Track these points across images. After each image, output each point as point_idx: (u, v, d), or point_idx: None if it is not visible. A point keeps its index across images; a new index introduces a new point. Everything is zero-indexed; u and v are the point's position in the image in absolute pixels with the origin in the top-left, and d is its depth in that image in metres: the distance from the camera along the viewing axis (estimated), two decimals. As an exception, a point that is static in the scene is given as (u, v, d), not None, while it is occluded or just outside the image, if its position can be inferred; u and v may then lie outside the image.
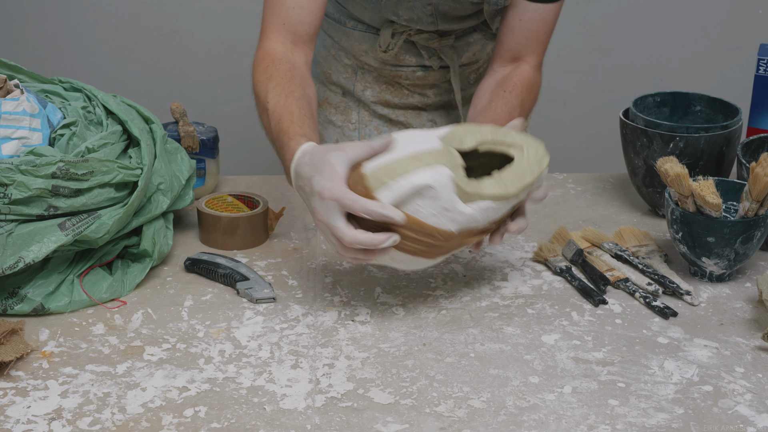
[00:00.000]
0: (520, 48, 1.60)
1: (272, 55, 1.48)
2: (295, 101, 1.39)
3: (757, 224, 1.38)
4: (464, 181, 1.24)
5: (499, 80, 1.58)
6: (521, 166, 1.31)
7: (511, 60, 1.61)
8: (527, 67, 1.60)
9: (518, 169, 1.31)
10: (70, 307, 1.33)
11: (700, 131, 1.53)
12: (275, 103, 1.39)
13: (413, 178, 1.20)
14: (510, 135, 1.35)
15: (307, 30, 1.52)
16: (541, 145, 1.35)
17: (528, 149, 1.33)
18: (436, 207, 1.22)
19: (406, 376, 1.21)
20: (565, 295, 1.39)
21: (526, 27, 1.58)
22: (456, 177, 1.23)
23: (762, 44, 1.66)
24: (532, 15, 1.57)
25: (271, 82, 1.43)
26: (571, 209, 1.65)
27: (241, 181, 1.73)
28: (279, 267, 1.46)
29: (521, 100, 1.55)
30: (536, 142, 1.35)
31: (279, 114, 1.38)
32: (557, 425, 1.12)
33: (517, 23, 1.58)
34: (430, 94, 1.81)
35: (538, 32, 1.59)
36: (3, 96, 1.40)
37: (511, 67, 1.60)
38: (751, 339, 1.29)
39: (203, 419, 1.13)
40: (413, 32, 1.71)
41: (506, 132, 1.35)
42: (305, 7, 1.50)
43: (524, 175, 1.30)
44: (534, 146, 1.34)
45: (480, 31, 1.76)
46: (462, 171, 1.25)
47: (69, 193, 1.31)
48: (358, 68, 1.80)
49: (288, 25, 1.50)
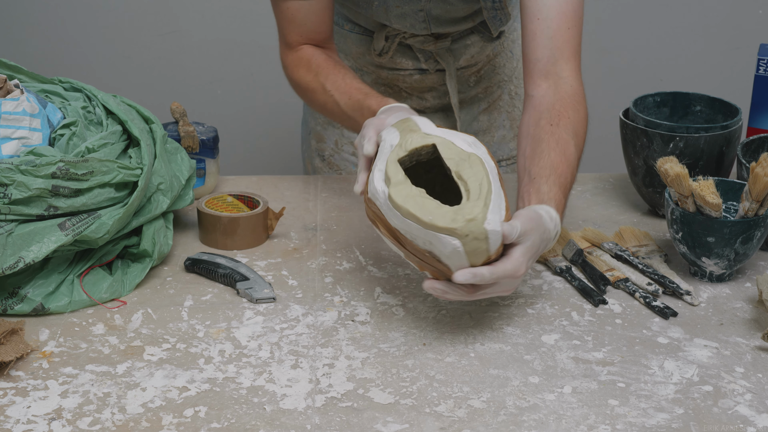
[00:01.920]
0: (549, 55, 1.45)
1: (305, 57, 1.58)
2: (354, 79, 1.51)
3: (757, 224, 1.38)
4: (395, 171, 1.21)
5: (541, 110, 1.42)
6: (439, 208, 1.19)
7: (545, 75, 1.45)
8: (564, 83, 1.45)
9: (433, 206, 1.19)
10: (70, 307, 1.33)
11: (700, 131, 1.53)
12: (336, 86, 1.51)
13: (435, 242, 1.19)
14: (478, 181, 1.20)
15: (324, 36, 1.60)
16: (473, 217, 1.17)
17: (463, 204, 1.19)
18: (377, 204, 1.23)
19: (406, 376, 1.21)
20: (565, 295, 1.39)
21: (546, 25, 1.45)
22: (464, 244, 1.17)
23: (762, 44, 1.66)
24: (548, 10, 1.44)
25: (320, 74, 1.54)
26: (571, 209, 1.65)
27: (241, 181, 1.74)
28: (279, 267, 1.46)
29: (573, 130, 1.40)
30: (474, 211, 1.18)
31: (347, 92, 1.49)
32: (557, 425, 1.12)
33: (536, 24, 1.45)
34: (428, 97, 1.81)
35: (561, 29, 1.45)
36: (3, 96, 1.40)
37: (546, 86, 1.45)
38: (751, 339, 1.29)
39: (203, 419, 1.13)
40: (407, 35, 1.71)
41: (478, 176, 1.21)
42: (315, 21, 1.57)
43: (423, 209, 1.18)
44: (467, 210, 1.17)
45: (478, 33, 1.76)
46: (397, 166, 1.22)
47: (69, 193, 1.31)
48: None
49: (305, 37, 1.58)
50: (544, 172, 1.33)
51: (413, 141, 1.25)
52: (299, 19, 1.56)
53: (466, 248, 1.17)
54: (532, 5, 1.46)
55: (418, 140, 1.25)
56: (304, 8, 1.55)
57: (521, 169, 1.38)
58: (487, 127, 1.86)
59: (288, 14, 1.56)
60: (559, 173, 1.34)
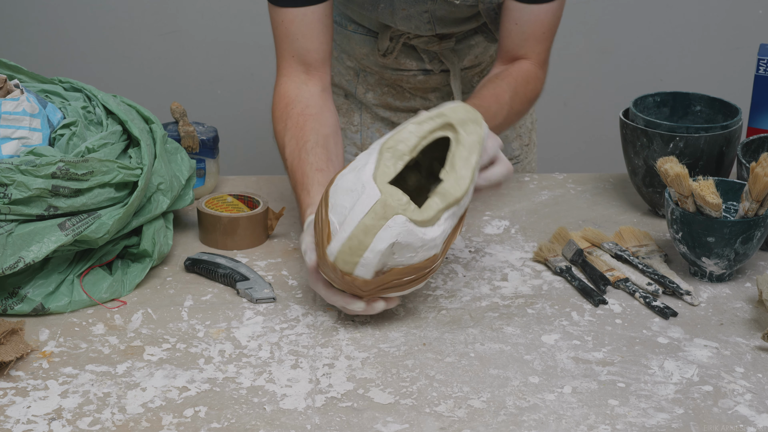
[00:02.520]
0: (519, 49, 1.58)
1: (287, 97, 1.53)
2: (307, 154, 1.45)
3: (757, 224, 1.38)
4: (420, 214, 1.22)
5: (495, 73, 1.59)
6: (460, 149, 1.27)
7: (510, 60, 1.60)
8: (525, 62, 1.58)
9: (459, 154, 1.27)
10: (70, 307, 1.33)
11: (700, 131, 1.53)
12: (291, 160, 1.47)
13: (376, 246, 1.21)
14: (435, 116, 1.28)
15: (317, 56, 1.55)
16: (471, 112, 1.29)
17: (461, 127, 1.28)
18: (411, 250, 1.23)
19: (406, 376, 1.21)
20: (565, 295, 1.39)
21: (522, 30, 1.56)
22: (410, 216, 1.21)
23: (762, 44, 1.66)
24: (527, 17, 1.55)
25: (287, 133, 1.50)
26: (571, 209, 1.65)
27: (241, 181, 1.74)
28: (279, 267, 1.46)
29: (513, 87, 1.53)
30: (464, 109, 1.29)
31: (293, 171, 1.46)
32: (557, 425, 1.12)
33: (513, 26, 1.57)
34: (432, 97, 1.81)
35: (536, 33, 1.57)
36: (3, 96, 1.40)
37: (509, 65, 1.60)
38: (751, 339, 1.29)
39: (203, 419, 1.13)
40: (412, 36, 1.71)
41: (430, 115, 1.28)
42: (309, 35, 1.53)
43: (469, 156, 1.27)
44: (463, 116, 1.28)
45: (482, 33, 1.75)
46: (411, 205, 1.22)
47: (69, 193, 1.31)
48: (360, 71, 1.80)
49: (297, 57, 1.54)
50: (470, 101, 1.47)
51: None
52: (293, 33, 1.53)
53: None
54: (514, 11, 1.56)
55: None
56: (297, 18, 1.52)
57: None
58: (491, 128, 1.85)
59: (283, 27, 1.53)
60: (486, 106, 1.46)
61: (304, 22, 1.52)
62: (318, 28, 1.53)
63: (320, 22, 1.53)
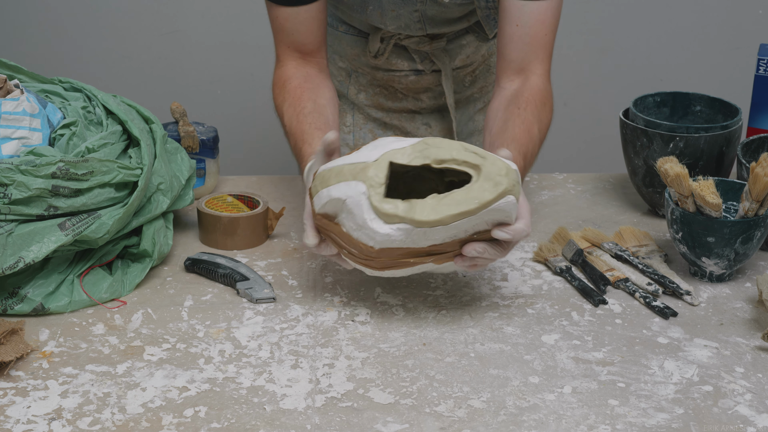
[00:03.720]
0: (524, 57, 1.52)
1: (285, 75, 1.58)
2: (305, 117, 1.49)
3: (757, 224, 1.38)
4: (379, 201, 1.22)
5: (510, 97, 1.51)
6: (466, 192, 1.21)
7: (517, 72, 1.53)
8: (536, 78, 1.52)
9: (461, 195, 1.21)
10: (70, 307, 1.33)
11: (700, 131, 1.53)
12: (290, 125, 1.50)
13: (331, 191, 1.24)
14: (479, 155, 1.23)
15: (312, 47, 1.59)
16: (507, 171, 1.22)
17: (484, 174, 1.22)
18: (354, 221, 1.24)
19: (406, 376, 1.21)
20: (565, 295, 1.39)
21: (524, 32, 1.51)
22: (371, 195, 1.22)
23: (762, 44, 1.66)
24: (528, 17, 1.50)
25: (285, 103, 1.54)
26: (571, 209, 1.65)
27: (241, 181, 1.74)
28: (279, 267, 1.46)
29: (537, 116, 1.48)
30: (501, 166, 1.22)
31: (294, 135, 1.48)
32: (557, 425, 1.12)
33: (514, 29, 1.51)
34: (424, 98, 1.81)
35: (538, 36, 1.52)
36: (3, 96, 1.40)
37: (518, 81, 1.52)
38: (751, 339, 1.29)
39: (203, 419, 1.13)
40: (403, 37, 1.71)
41: (476, 150, 1.24)
42: (303, 31, 1.57)
43: (461, 203, 1.20)
44: (495, 171, 1.22)
45: (473, 33, 1.75)
46: (381, 189, 1.22)
47: (69, 193, 1.31)
48: (351, 71, 1.80)
49: (293, 47, 1.58)
50: (506, 143, 1.41)
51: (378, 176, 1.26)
52: (288, 29, 1.56)
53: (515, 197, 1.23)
54: (513, 11, 1.51)
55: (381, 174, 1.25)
56: (292, 17, 1.54)
57: (487, 145, 1.46)
58: (483, 126, 1.85)
59: (277, 23, 1.57)
60: (521, 143, 1.41)
61: (297, 20, 1.55)
62: (312, 25, 1.56)
63: (314, 19, 1.56)
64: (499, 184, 1.21)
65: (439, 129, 1.83)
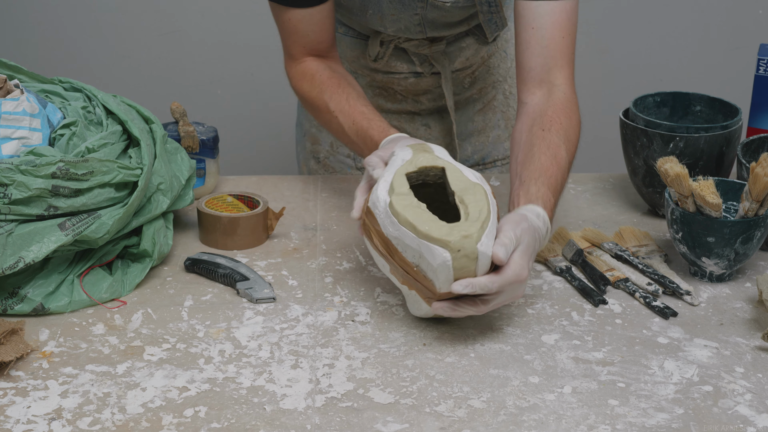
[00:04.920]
0: (543, 63, 1.47)
1: (309, 71, 1.59)
2: (356, 101, 1.52)
3: (757, 224, 1.38)
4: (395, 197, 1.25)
5: (534, 117, 1.45)
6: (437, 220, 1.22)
7: (539, 83, 1.47)
8: (558, 90, 1.47)
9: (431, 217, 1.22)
10: (70, 307, 1.33)
11: (700, 131, 1.53)
12: (340, 108, 1.52)
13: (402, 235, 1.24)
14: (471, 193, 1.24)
15: (326, 45, 1.61)
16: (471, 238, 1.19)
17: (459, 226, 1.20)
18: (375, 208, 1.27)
19: (406, 376, 1.21)
20: (565, 295, 1.39)
21: (540, 35, 1.46)
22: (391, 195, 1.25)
23: (762, 44, 1.66)
24: (543, 20, 1.45)
25: (324, 93, 1.55)
26: (571, 209, 1.65)
27: (241, 181, 1.74)
28: (279, 267, 1.46)
29: (564, 135, 1.42)
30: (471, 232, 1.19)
31: (351, 116, 1.51)
32: (557, 425, 1.12)
33: (530, 33, 1.46)
34: (423, 99, 1.81)
35: (555, 39, 1.46)
36: (3, 96, 1.40)
37: (540, 94, 1.47)
38: (751, 339, 1.29)
39: (203, 419, 1.13)
40: (402, 39, 1.71)
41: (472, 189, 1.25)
42: (318, 31, 1.57)
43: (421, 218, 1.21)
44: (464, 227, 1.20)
45: (472, 35, 1.75)
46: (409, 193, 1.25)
47: (69, 193, 1.31)
48: (351, 73, 1.80)
49: (308, 48, 1.59)
50: (533, 175, 1.35)
51: (424, 159, 1.31)
52: (302, 30, 1.56)
53: (455, 264, 1.18)
54: (527, 14, 1.46)
55: (428, 160, 1.31)
56: (305, 19, 1.55)
57: (513, 174, 1.40)
58: (482, 127, 1.86)
59: (290, 26, 1.56)
60: (549, 175, 1.36)
61: (312, 21, 1.56)
62: (326, 23, 1.57)
63: (328, 18, 1.57)
64: (450, 235, 1.19)
65: (439, 130, 1.83)
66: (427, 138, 1.83)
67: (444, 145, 1.84)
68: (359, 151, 1.52)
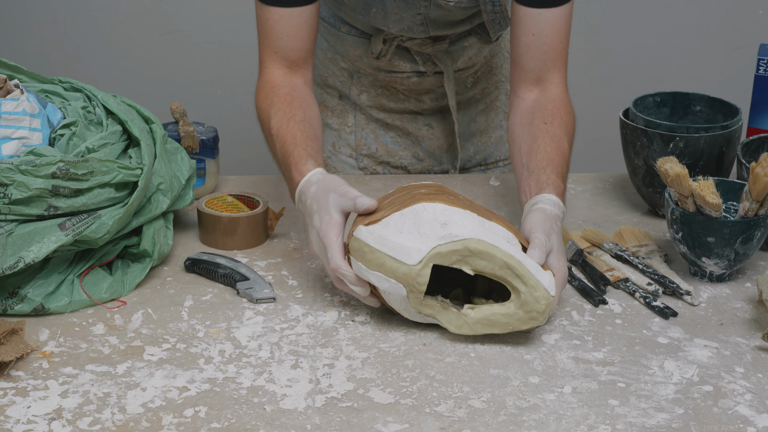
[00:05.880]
0: (541, 66, 1.51)
1: (272, 81, 1.54)
2: (297, 124, 1.45)
3: (757, 224, 1.38)
4: (418, 304, 1.25)
5: (531, 110, 1.50)
6: (502, 314, 1.25)
7: (535, 82, 1.52)
8: (554, 88, 1.52)
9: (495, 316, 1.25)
10: (70, 307, 1.33)
11: (700, 131, 1.53)
12: (278, 127, 1.46)
13: (369, 275, 1.25)
14: (521, 278, 1.23)
15: (300, 55, 1.55)
16: (545, 306, 1.23)
17: (522, 301, 1.23)
18: (393, 300, 1.27)
19: (406, 376, 1.21)
20: (565, 295, 1.39)
21: (541, 41, 1.50)
22: (410, 298, 1.25)
23: (762, 44, 1.66)
24: (544, 26, 1.49)
25: (272, 107, 1.49)
26: (571, 209, 1.65)
27: (241, 181, 1.74)
28: (279, 267, 1.46)
29: (565, 128, 1.48)
30: (540, 298, 1.23)
31: (283, 138, 1.44)
32: (557, 425, 1.12)
33: (531, 39, 1.50)
34: (426, 99, 1.81)
35: (555, 44, 1.51)
36: (3, 96, 1.40)
37: (536, 91, 1.53)
38: (751, 339, 1.29)
39: (203, 419, 1.13)
40: (405, 38, 1.70)
41: (519, 271, 1.22)
42: (293, 35, 1.53)
43: (494, 325, 1.25)
44: (533, 302, 1.23)
45: (475, 35, 1.75)
46: (421, 295, 1.24)
47: (69, 193, 1.31)
48: (353, 72, 1.80)
49: (280, 53, 1.54)
50: (541, 164, 1.42)
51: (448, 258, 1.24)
52: (277, 32, 1.52)
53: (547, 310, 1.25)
54: (528, 20, 1.50)
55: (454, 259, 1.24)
56: (283, 19, 1.52)
57: (519, 164, 1.46)
58: (484, 128, 1.86)
59: (267, 26, 1.53)
60: (556, 164, 1.42)
61: (289, 23, 1.52)
62: (303, 30, 1.53)
63: (306, 24, 1.53)
64: (534, 319, 1.24)
65: (441, 130, 1.83)
66: (429, 137, 1.83)
67: (446, 145, 1.84)
68: (284, 176, 1.47)
